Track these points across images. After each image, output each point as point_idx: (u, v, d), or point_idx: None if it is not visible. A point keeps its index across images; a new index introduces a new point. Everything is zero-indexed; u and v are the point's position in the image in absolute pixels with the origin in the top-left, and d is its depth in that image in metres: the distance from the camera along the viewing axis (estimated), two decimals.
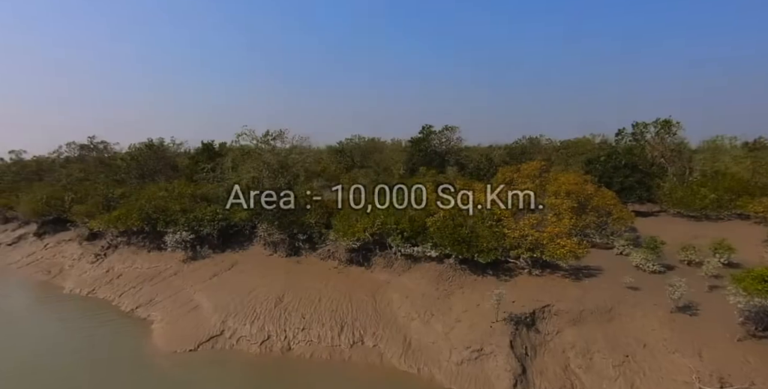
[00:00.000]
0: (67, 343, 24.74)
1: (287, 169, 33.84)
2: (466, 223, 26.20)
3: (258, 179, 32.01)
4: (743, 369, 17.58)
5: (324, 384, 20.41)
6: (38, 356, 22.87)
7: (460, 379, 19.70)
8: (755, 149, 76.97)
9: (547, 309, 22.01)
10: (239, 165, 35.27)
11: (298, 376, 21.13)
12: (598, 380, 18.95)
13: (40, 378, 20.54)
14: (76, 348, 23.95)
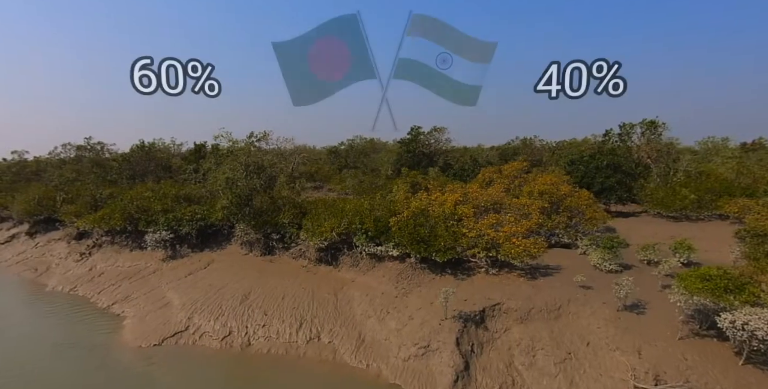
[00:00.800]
0: (39, 337, 25.73)
1: (264, 170, 34.51)
2: (427, 223, 26.66)
3: (232, 180, 32.73)
4: (680, 366, 17.80)
5: (275, 378, 21.04)
6: (7, 350, 23.87)
7: (405, 374, 20.19)
8: (752, 149, 76.20)
9: (497, 307, 22.38)
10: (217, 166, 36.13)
11: (251, 371, 21.82)
12: (539, 377, 19.29)
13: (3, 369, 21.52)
14: (46, 342, 24.90)
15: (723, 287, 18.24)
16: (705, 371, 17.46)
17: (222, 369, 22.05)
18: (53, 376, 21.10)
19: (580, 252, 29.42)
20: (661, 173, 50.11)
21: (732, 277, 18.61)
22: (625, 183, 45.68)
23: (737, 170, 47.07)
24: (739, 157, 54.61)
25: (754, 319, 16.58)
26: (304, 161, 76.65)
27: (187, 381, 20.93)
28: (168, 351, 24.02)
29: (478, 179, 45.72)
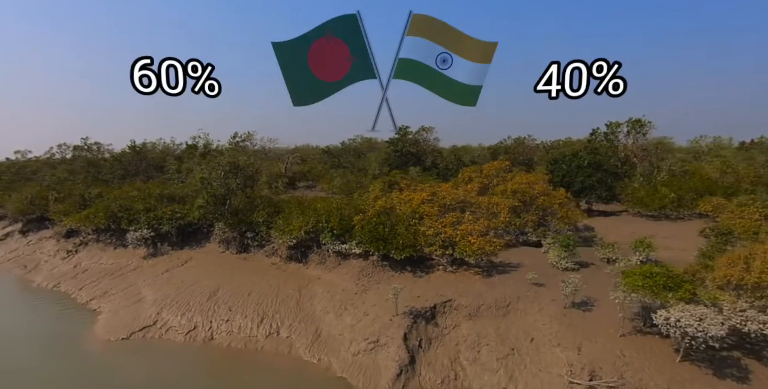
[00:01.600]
0: (14, 331, 26.83)
1: (240, 170, 35.31)
2: (389, 221, 27.17)
3: (207, 180, 33.58)
4: (616, 363, 18.08)
5: (229, 370, 21.76)
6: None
7: (352, 368, 20.76)
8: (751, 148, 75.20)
9: (448, 303, 22.83)
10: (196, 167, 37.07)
11: (208, 363, 22.60)
12: (481, 372, 19.72)
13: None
14: (21, 335, 25.97)
15: (662, 285, 18.48)
16: (641, 367, 17.73)
17: (181, 362, 22.83)
18: (20, 366, 22.06)
19: (544, 251, 29.67)
20: (644, 172, 49.89)
21: (672, 275, 18.84)
22: (606, 182, 45.60)
23: (721, 169, 46.64)
24: (724, 156, 54.03)
25: (685, 316, 16.84)
26: (297, 161, 77.79)
27: (146, 373, 21.74)
28: (134, 344, 24.91)
29: (459, 178, 46.15)
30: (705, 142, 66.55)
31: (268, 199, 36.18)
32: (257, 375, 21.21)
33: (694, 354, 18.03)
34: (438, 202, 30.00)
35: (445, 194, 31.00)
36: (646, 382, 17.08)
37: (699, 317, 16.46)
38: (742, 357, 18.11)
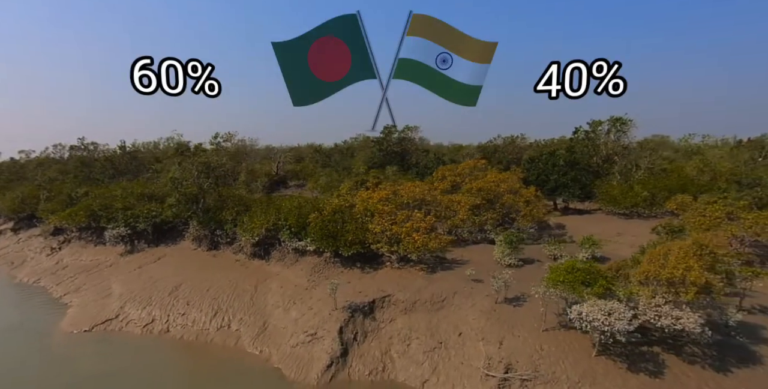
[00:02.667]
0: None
1: (212, 170, 36.43)
2: (341, 219, 27.92)
3: (178, 180, 34.75)
4: (533, 356, 18.58)
5: (173, 361, 22.83)
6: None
7: (288, 360, 21.60)
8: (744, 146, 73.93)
9: (387, 298, 23.51)
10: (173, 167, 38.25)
11: (157, 354, 23.65)
12: (408, 364, 20.39)
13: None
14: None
15: (581, 280, 18.90)
16: (557, 361, 18.20)
17: (132, 353, 23.92)
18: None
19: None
20: (622, 171, 49.69)
21: (593, 271, 19.25)
22: (580, 180, 45.58)
23: (698, 167, 46.26)
24: (704, 154, 53.49)
25: (593, 310, 17.26)
26: (290, 160, 79.03)
27: (97, 363, 22.87)
28: (94, 336, 26.14)
29: (433, 177, 46.69)
30: (694, 140, 65.92)
31: (238, 198, 37.22)
32: (200, 366, 22.22)
33: (612, 348, 18.42)
34: (395, 200, 30.66)
35: (404, 193, 31.64)
36: (559, 375, 17.56)
37: (607, 311, 16.86)
38: (661, 352, 18.39)
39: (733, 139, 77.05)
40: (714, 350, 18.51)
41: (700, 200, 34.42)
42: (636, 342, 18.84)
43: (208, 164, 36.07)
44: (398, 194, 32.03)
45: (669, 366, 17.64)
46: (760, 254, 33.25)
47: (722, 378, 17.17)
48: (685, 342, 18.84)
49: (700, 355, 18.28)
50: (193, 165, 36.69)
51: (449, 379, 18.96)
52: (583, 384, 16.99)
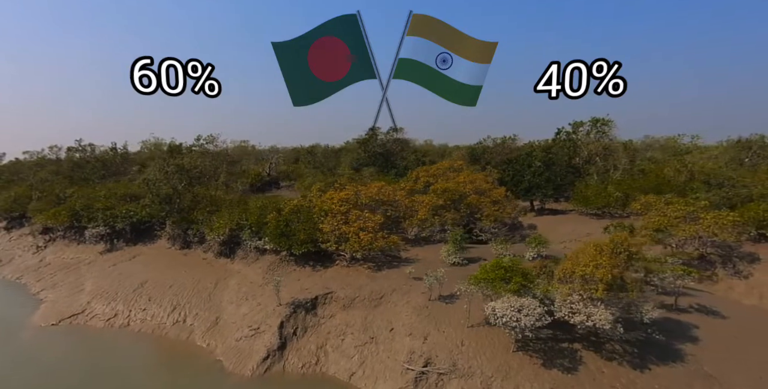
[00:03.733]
0: None
1: (186, 171, 37.66)
2: (298, 218, 28.79)
3: (151, 181, 36.04)
4: (453, 351, 19.16)
5: (125, 351, 23.93)
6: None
7: (230, 352, 22.51)
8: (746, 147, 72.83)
9: (329, 295, 24.28)
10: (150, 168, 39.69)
11: (111, 346, 24.79)
12: (340, 357, 21.13)
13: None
14: None
15: (501, 278, 19.41)
16: (474, 356, 18.76)
17: (89, 345, 25.11)
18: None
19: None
20: (599, 171, 49.64)
21: (515, 268, 19.73)
22: (554, 181, 45.69)
23: (676, 168, 46.00)
24: (682, 154, 53.09)
25: (504, 307, 17.78)
26: (279, 162, 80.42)
27: (57, 353, 24.09)
28: (60, 329, 27.42)
29: (408, 177, 47.35)
30: (683, 141, 65.11)
31: (211, 198, 38.37)
32: (147, 357, 23.30)
33: (531, 344, 18.93)
34: (355, 200, 31.41)
35: (363, 193, 32.37)
36: (474, 370, 18.13)
37: (517, 308, 17.37)
38: (581, 349, 18.80)
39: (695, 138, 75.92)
40: (635, 347, 18.88)
41: (662, 200, 34.45)
42: (557, 339, 19.34)
43: (182, 165, 37.21)
44: (359, 194, 32.80)
45: (585, 363, 18.05)
46: (721, 254, 33.20)
47: (637, 374, 17.53)
48: (607, 340, 19.23)
49: (620, 352, 18.65)
50: (167, 167, 37.89)
51: (374, 372, 19.65)
52: (495, 379, 17.53)
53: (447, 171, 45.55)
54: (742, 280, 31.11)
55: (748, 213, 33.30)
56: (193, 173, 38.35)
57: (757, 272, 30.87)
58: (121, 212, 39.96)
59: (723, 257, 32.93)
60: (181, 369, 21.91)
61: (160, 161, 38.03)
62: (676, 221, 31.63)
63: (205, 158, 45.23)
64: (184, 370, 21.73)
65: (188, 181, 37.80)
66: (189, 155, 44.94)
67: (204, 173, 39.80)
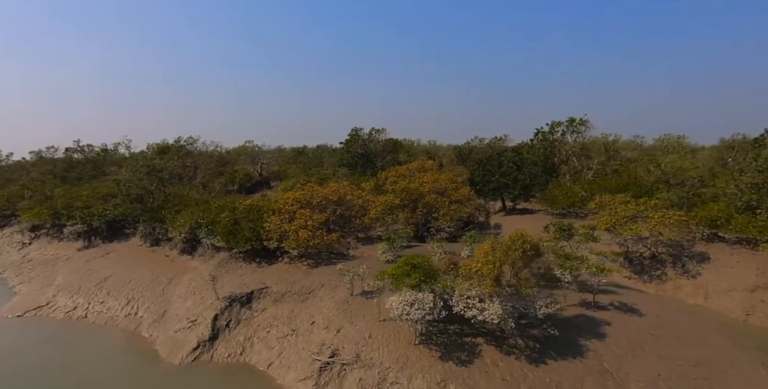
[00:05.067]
0: None
1: (157, 173, 39.31)
2: (247, 217, 30.01)
3: (123, 182, 37.77)
4: (359, 343, 20.05)
5: (76, 341, 25.47)
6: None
7: (167, 342, 23.84)
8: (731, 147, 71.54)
9: (264, 290, 25.42)
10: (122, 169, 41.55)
11: (64, 335, 26.37)
12: (263, 348, 22.22)
13: None
14: None
15: (405, 274, 20.17)
16: (378, 348, 19.62)
17: (43, 335, 26.69)
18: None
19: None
20: (571, 171, 49.65)
21: (420, 265, 20.45)
22: (523, 181, 45.93)
23: (647, 168, 45.79)
24: (653, 154, 52.65)
25: (397, 301, 18.60)
26: (270, 162, 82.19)
27: (12, 342, 25.78)
28: (22, 320, 29.21)
29: (378, 178, 48.29)
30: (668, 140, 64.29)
31: (180, 198, 39.93)
32: (92, 346, 24.74)
33: (435, 338, 19.70)
34: (306, 200, 32.51)
35: (316, 193, 33.44)
36: (375, 361, 19.00)
37: (410, 302, 18.17)
38: (482, 343, 19.46)
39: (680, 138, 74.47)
40: (538, 343, 19.46)
41: (615, 200, 34.57)
42: (463, 334, 20.05)
43: (152, 166, 38.87)
44: (314, 193, 33.88)
45: (482, 356, 18.72)
46: (672, 253, 33.18)
47: (532, 368, 18.16)
48: (511, 335, 19.81)
49: (520, 347, 19.28)
50: (139, 168, 39.60)
51: (289, 362, 20.68)
52: (392, 370, 18.36)
53: (415, 171, 46.33)
54: (690, 280, 31.14)
55: (701, 213, 33.22)
56: (164, 174, 39.92)
57: (705, 272, 30.87)
58: (98, 210, 41.88)
59: (674, 257, 32.93)
60: (118, 357, 23.30)
61: (133, 161, 39.68)
62: (624, 220, 31.80)
63: (185, 159, 46.86)
64: (121, 358, 23.12)
65: (159, 182, 39.37)
66: (160, 156, 46.67)
67: (175, 174, 41.30)
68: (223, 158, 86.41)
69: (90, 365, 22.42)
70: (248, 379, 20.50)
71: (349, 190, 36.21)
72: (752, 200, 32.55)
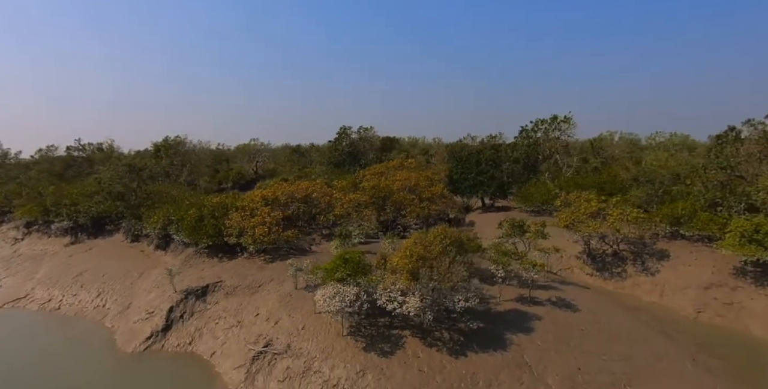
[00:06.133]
0: None
1: (138, 171, 40.79)
2: (212, 214, 31.14)
3: (104, 181, 39.32)
4: (292, 334, 20.91)
5: (43, 330, 26.95)
6: None
7: (125, 332, 25.11)
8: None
9: (219, 284, 26.49)
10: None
11: (34, 325, 27.90)
12: (210, 338, 23.26)
13: None
14: None
15: (335, 268, 20.92)
16: (308, 339, 20.45)
17: (18, 325, 28.30)
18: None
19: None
20: (551, 169, 49.65)
21: (351, 259, 21.17)
22: (498, 179, 46.18)
23: (625, 166, 45.56)
24: (631, 152, 52.18)
25: (323, 293, 19.42)
26: (266, 160, 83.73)
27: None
28: (1, 312, 30.88)
29: (357, 175, 49.08)
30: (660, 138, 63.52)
31: (160, 195, 41.35)
32: (58, 336, 26.18)
33: (363, 330, 20.42)
34: (272, 198, 33.51)
35: (282, 191, 34.41)
36: (303, 351, 19.85)
37: (332, 294, 18.95)
38: (408, 336, 20.03)
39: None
40: (463, 336, 20.00)
41: (580, 197, 34.71)
42: (392, 326, 20.71)
43: (133, 165, 40.35)
44: (280, 191, 34.87)
45: (405, 348, 19.32)
46: (634, 251, 33.20)
47: (451, 360, 18.69)
48: (438, 329, 20.38)
49: (444, 340, 19.83)
50: (119, 167, 41.12)
51: (229, 351, 21.67)
52: (317, 359, 19.19)
53: (393, 169, 46.98)
54: (649, 277, 31.18)
55: (664, 211, 33.14)
56: (144, 173, 41.38)
57: (664, 270, 30.88)
58: (84, 208, 43.62)
59: (635, 255, 32.94)
60: (77, 346, 24.64)
61: (115, 160, 41.25)
62: (583, 217, 31.98)
63: (173, 158, 48.42)
64: (79, 347, 24.44)
65: (139, 180, 40.84)
66: (156, 155, 48.27)
67: (158, 172, 42.76)
68: (219, 156, 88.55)
69: (49, 354, 23.76)
70: (190, 367, 21.57)
71: (318, 188, 37.10)
72: (716, 198, 32.32)
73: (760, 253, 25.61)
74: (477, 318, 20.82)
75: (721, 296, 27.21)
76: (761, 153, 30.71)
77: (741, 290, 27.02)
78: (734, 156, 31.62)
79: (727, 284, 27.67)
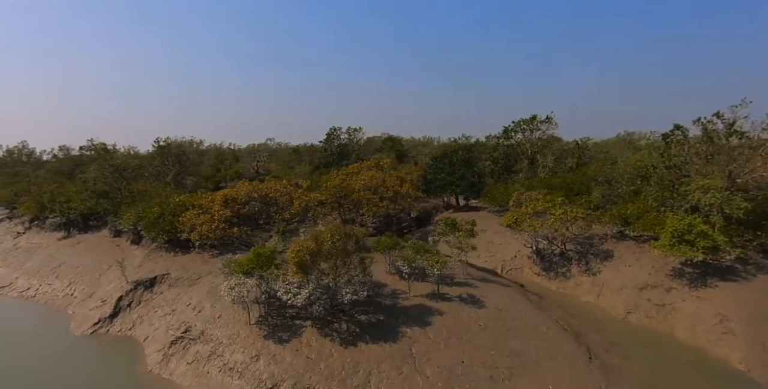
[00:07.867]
0: None
1: (122, 171, 43.78)
2: (172, 212, 33.40)
3: (89, 180, 42.45)
4: (208, 322, 22.81)
5: (14, 315, 29.82)
6: None
7: (81, 318, 27.58)
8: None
9: (165, 276, 28.60)
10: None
11: (8, 309, 30.85)
12: (147, 325, 25.32)
13: None
14: None
15: (247, 262, 22.42)
16: (221, 326, 22.24)
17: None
18: None
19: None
20: (524, 169, 49.55)
21: (263, 254, 22.60)
22: (469, 179, 46.53)
23: (598, 166, 45.03)
24: (607, 151, 51.22)
25: (226, 284, 21.04)
26: (266, 159, 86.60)
27: None
28: None
29: (331, 175, 50.62)
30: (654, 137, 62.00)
31: (143, 193, 44.20)
32: (24, 321, 28.93)
33: (271, 319, 21.96)
34: (232, 197, 35.52)
35: (243, 190, 36.35)
36: (213, 337, 21.66)
37: (232, 286, 20.52)
38: (308, 326, 21.38)
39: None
40: (359, 328, 21.07)
41: (529, 197, 34.97)
42: (298, 317, 22.09)
43: (117, 165, 43.35)
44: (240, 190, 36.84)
45: (301, 336, 20.64)
46: (579, 251, 33.15)
47: (339, 349, 19.85)
48: (339, 321, 21.54)
49: (340, 331, 21.01)
50: (104, 167, 44.20)
51: (157, 336, 23.62)
52: (223, 344, 20.91)
53: (365, 170, 48.26)
54: (590, 277, 31.20)
55: (613, 211, 32.97)
56: (128, 172, 44.33)
57: (606, 270, 30.86)
58: (75, 204, 47.09)
59: (580, 255, 32.90)
60: (36, 330, 27.25)
61: (101, 161, 44.39)
62: (526, 216, 32.31)
63: (165, 158, 51.52)
64: (39, 330, 27.04)
65: (122, 179, 43.78)
66: (129, 156, 51.44)
67: (140, 172, 45.69)
68: (222, 155, 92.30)
69: (9, 336, 26.44)
70: (124, 349, 23.64)
71: (280, 187, 38.87)
72: (665, 198, 31.89)
73: (690, 253, 25.42)
74: (380, 311, 21.94)
75: (655, 297, 27.07)
76: (706, 152, 30.11)
77: (675, 292, 26.80)
78: (678, 155, 31.12)
79: (662, 285, 27.49)
